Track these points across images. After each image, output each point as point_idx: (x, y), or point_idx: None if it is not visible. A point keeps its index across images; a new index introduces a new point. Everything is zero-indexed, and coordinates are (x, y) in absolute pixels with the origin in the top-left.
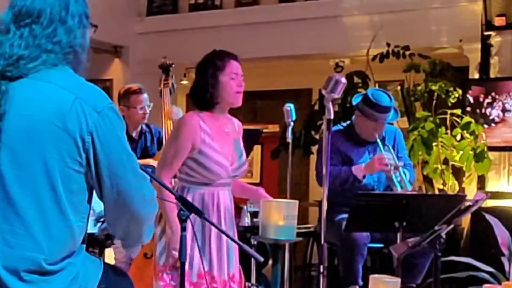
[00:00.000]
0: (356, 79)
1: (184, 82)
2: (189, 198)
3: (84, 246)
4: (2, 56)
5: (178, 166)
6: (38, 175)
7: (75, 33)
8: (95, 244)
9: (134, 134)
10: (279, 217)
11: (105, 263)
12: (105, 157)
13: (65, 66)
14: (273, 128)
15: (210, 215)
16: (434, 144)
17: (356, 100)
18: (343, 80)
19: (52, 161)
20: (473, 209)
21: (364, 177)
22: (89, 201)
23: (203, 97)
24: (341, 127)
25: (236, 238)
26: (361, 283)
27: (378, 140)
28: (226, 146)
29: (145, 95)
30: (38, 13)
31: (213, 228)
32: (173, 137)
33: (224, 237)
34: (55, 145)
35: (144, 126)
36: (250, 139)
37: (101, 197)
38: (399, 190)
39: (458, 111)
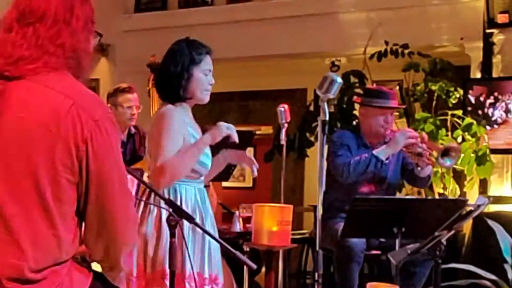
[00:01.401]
0: (352, 79)
1: None
2: (183, 199)
3: (70, 260)
4: (2, 55)
5: None
6: (28, 181)
7: (78, 36)
8: None
9: (122, 137)
10: (273, 223)
11: (94, 272)
12: (96, 168)
13: (65, 71)
14: (266, 130)
15: (203, 214)
16: None
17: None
18: (339, 79)
19: (43, 168)
20: (475, 214)
21: (387, 158)
22: (79, 214)
23: (175, 90)
24: (348, 127)
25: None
26: None
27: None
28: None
29: (135, 95)
30: (42, 13)
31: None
32: (161, 135)
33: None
34: (48, 151)
35: (133, 128)
36: (242, 141)
37: (83, 212)
38: (429, 167)
39: (459, 112)
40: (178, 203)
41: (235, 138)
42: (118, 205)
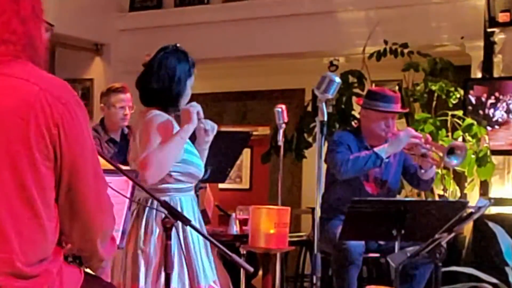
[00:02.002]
0: (351, 79)
1: None
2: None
3: (62, 253)
4: None
5: None
6: (7, 171)
7: (29, 23)
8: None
9: (116, 137)
10: (270, 225)
11: (86, 273)
12: (68, 152)
13: (24, 60)
14: (263, 130)
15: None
16: None
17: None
18: (338, 79)
19: (22, 157)
20: (476, 216)
21: (388, 157)
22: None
23: (173, 98)
24: (348, 128)
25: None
26: None
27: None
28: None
29: (128, 95)
30: None
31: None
32: (149, 133)
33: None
34: (23, 139)
35: (126, 128)
36: (239, 142)
37: (56, 198)
38: (432, 169)
39: (459, 113)
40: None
41: (201, 114)
42: (90, 190)
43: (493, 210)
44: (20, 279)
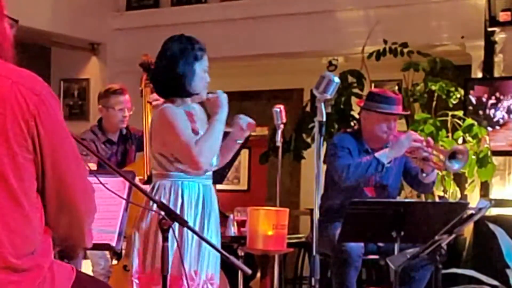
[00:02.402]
0: (350, 79)
1: None
2: (185, 195)
3: (51, 250)
4: None
5: None
6: None
7: None
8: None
9: (114, 138)
10: (268, 227)
11: (78, 271)
12: (48, 142)
13: None
14: (262, 131)
15: (206, 209)
16: None
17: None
18: (337, 79)
19: (1, 149)
20: (476, 218)
21: (389, 162)
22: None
23: (182, 86)
24: (349, 130)
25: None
26: None
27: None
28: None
29: (126, 97)
30: None
31: (194, 223)
32: (172, 128)
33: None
34: (1, 132)
35: (124, 130)
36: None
37: (42, 189)
38: (434, 173)
39: (459, 113)
40: (180, 200)
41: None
42: (75, 177)
43: (494, 211)
44: (12, 272)
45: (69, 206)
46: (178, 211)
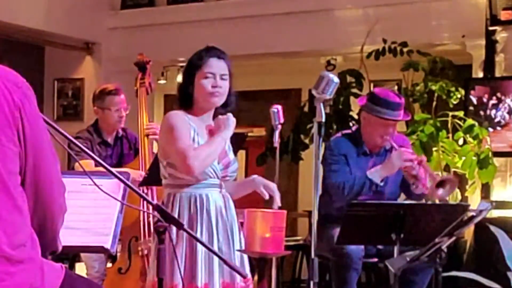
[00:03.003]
0: (349, 78)
1: (162, 81)
2: (176, 204)
3: (38, 242)
4: None
5: None
6: None
7: None
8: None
9: (109, 139)
10: (266, 229)
11: (67, 270)
12: (31, 135)
13: None
14: (259, 131)
15: (199, 219)
16: (434, 149)
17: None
18: (335, 79)
19: None
20: (477, 220)
21: (382, 181)
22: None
23: (180, 97)
24: (346, 132)
25: (242, 246)
26: None
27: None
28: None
29: (122, 97)
30: None
31: (200, 232)
32: (172, 132)
33: (215, 242)
34: None
35: (120, 131)
36: (234, 143)
37: (22, 181)
38: (427, 187)
39: (460, 113)
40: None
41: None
42: (53, 171)
43: (495, 213)
44: (6, 262)
45: (46, 199)
46: (186, 222)
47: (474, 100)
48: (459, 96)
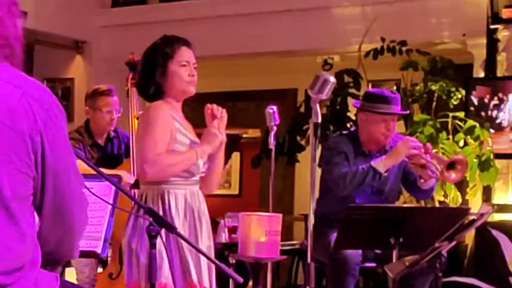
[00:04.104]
0: (346, 78)
1: None
2: (172, 203)
3: (39, 261)
4: None
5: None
6: None
7: (5, 23)
8: None
9: (100, 141)
10: (261, 233)
11: (62, 280)
12: (53, 160)
13: (3, 62)
14: (254, 133)
15: (195, 218)
16: (434, 150)
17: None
18: (332, 79)
19: (1, 163)
20: (478, 223)
21: (387, 171)
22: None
23: (149, 88)
24: (345, 132)
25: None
26: None
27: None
28: (193, 136)
29: (115, 98)
30: None
31: (188, 233)
32: (148, 126)
33: (201, 243)
34: (3, 145)
35: (112, 132)
36: (228, 145)
37: (40, 205)
38: (437, 174)
39: (460, 114)
40: (167, 207)
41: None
42: (74, 194)
43: (496, 217)
44: None
45: (65, 221)
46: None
47: (475, 101)
48: (459, 96)
